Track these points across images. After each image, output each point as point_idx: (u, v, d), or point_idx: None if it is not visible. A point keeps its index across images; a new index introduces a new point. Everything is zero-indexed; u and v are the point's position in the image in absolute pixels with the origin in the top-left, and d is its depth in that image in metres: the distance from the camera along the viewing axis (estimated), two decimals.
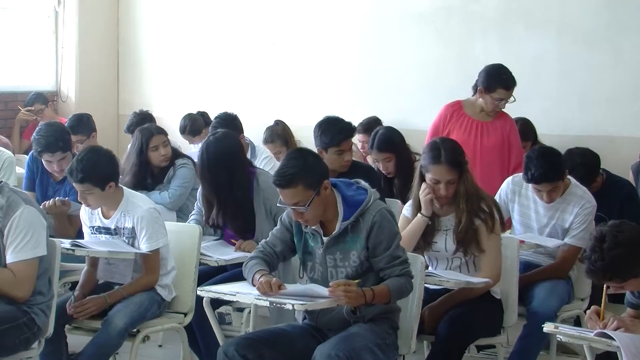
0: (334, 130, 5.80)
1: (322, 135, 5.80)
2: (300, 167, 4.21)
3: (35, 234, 4.45)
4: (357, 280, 4.20)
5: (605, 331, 3.81)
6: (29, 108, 8.89)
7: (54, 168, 6.18)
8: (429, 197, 4.80)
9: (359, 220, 4.27)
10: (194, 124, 8.24)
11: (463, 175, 4.79)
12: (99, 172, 4.89)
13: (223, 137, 5.59)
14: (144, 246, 4.89)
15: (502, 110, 6.50)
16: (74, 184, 4.99)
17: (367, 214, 4.26)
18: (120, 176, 5.55)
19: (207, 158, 5.45)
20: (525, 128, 7.05)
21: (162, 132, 6.55)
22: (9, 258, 4.40)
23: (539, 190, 5.34)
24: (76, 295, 4.91)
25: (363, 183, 4.41)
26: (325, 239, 4.33)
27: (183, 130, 8.27)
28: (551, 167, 5.28)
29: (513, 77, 6.42)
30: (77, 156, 4.96)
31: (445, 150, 4.79)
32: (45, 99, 9.02)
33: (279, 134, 7.98)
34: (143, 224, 4.90)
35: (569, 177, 5.44)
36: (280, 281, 4.19)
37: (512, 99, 6.43)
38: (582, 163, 5.93)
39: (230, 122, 6.78)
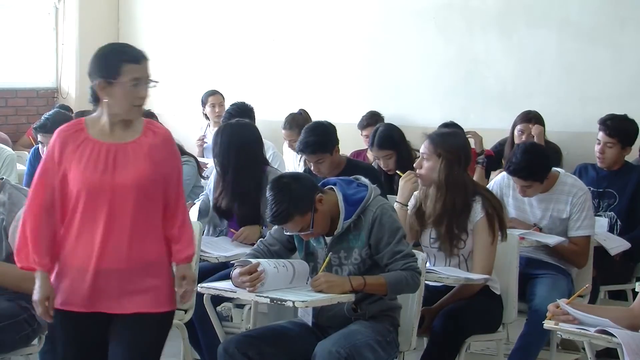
0: None
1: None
2: (288, 199, 4.17)
3: None
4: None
5: (605, 328, 3.81)
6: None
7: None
8: (409, 184, 5.01)
9: (360, 218, 4.27)
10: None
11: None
12: None
13: (249, 125, 5.60)
14: None
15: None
16: None
17: (368, 211, 4.26)
18: None
19: (229, 140, 5.38)
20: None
21: None
22: None
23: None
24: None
25: (363, 179, 4.41)
26: (328, 239, 4.32)
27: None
28: (527, 165, 5.25)
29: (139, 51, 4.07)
30: None
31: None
32: None
33: (299, 123, 7.89)
34: None
35: (556, 169, 5.42)
36: (255, 266, 4.14)
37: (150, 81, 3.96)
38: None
39: (245, 113, 6.75)
